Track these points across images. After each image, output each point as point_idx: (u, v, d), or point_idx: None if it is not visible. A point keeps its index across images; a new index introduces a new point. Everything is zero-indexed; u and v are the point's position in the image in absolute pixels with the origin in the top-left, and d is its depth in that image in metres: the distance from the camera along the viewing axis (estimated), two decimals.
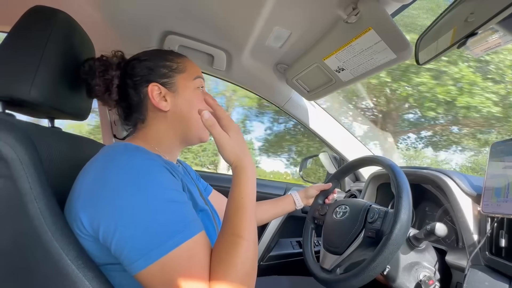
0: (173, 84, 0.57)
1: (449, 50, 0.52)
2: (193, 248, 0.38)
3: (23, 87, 0.48)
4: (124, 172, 0.40)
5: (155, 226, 0.37)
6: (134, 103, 0.57)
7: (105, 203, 0.39)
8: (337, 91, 0.93)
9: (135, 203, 0.38)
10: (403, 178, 0.61)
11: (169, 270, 0.36)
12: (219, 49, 0.93)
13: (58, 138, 0.57)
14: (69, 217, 0.42)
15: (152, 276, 0.36)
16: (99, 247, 0.41)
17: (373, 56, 0.69)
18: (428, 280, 0.62)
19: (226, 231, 0.42)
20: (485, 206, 0.60)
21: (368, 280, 0.56)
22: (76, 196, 0.42)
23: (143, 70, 0.56)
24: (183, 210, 0.41)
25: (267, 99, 1.12)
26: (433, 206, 0.88)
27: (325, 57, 0.78)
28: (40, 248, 0.37)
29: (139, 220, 0.37)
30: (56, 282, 0.38)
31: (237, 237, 0.40)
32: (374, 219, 0.64)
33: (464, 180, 0.70)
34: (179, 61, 0.59)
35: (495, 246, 0.57)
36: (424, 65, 0.59)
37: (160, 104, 0.55)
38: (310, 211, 0.87)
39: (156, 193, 0.39)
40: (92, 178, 0.42)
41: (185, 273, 0.36)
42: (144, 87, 0.56)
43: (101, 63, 0.57)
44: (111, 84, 0.57)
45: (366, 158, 0.80)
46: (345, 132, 1.20)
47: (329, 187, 0.88)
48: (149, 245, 0.36)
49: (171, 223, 0.38)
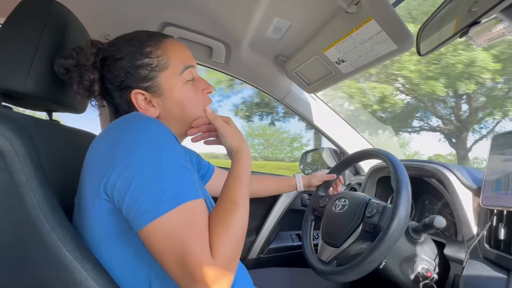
0: (157, 87, 0.51)
1: (451, 40, 0.51)
2: (198, 209, 0.41)
3: (18, 79, 0.48)
4: (138, 132, 0.41)
5: (168, 182, 0.39)
6: (120, 106, 0.53)
7: (120, 160, 0.39)
8: (337, 84, 0.92)
9: (150, 159, 0.39)
10: (403, 172, 0.61)
11: (175, 224, 0.38)
12: (218, 41, 0.92)
13: (56, 131, 0.56)
14: (86, 196, 0.42)
15: (158, 230, 0.37)
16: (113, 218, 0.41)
17: (373, 47, 0.67)
18: (426, 272, 0.62)
19: (225, 199, 0.47)
20: (485, 199, 0.60)
21: (363, 274, 0.56)
22: (91, 170, 0.42)
23: (120, 74, 0.50)
24: (191, 176, 0.43)
25: (266, 92, 1.11)
26: (433, 199, 0.88)
27: (325, 49, 0.77)
28: (38, 239, 0.38)
29: (153, 175, 0.39)
30: (54, 273, 0.38)
31: (235, 205, 0.45)
32: (372, 213, 0.64)
33: (464, 173, 0.70)
34: (159, 54, 0.51)
35: (494, 239, 0.57)
36: (425, 56, 0.58)
37: (148, 112, 0.52)
38: (311, 202, 0.88)
39: (170, 154, 0.41)
40: (106, 143, 0.42)
41: (189, 229, 0.38)
42: (126, 93, 0.51)
43: (75, 61, 0.50)
44: (92, 92, 0.52)
45: (367, 151, 0.79)
46: (345, 125, 1.20)
47: (332, 178, 0.88)
48: (161, 198, 0.38)
49: (182, 182, 0.40)
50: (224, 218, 0.43)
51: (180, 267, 0.37)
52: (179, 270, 0.37)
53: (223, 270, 0.39)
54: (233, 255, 0.41)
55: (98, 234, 0.43)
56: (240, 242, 0.43)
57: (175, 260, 0.37)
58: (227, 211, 0.44)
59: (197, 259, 0.37)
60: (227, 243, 0.40)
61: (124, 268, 0.44)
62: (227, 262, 0.39)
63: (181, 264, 0.37)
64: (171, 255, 0.37)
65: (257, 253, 1.15)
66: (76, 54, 0.50)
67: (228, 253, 0.40)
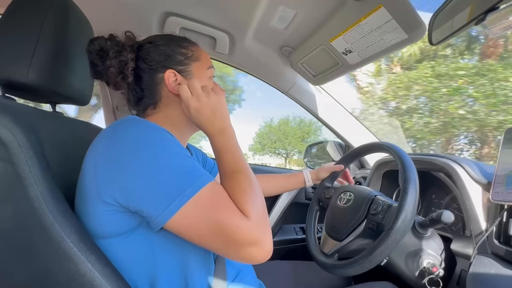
0: (189, 72, 0.56)
1: (465, 28, 0.48)
2: (216, 186, 0.43)
3: (20, 69, 0.48)
4: (138, 134, 0.42)
5: (181, 172, 0.40)
6: (147, 88, 0.56)
7: (127, 164, 0.39)
8: (343, 76, 0.89)
9: (157, 155, 0.40)
10: (412, 169, 0.59)
11: (202, 206, 0.39)
12: (222, 31, 0.90)
13: (59, 123, 0.56)
14: (87, 195, 0.42)
15: (187, 217, 0.39)
16: (120, 218, 0.41)
17: (383, 37, 0.65)
18: (432, 267, 0.61)
19: (225, 174, 0.48)
20: (495, 194, 0.58)
21: (363, 271, 0.56)
22: (92, 172, 0.42)
23: (159, 56, 0.55)
24: (197, 164, 0.44)
25: (271, 84, 1.10)
26: (440, 194, 0.86)
27: (332, 39, 0.75)
28: (42, 230, 0.38)
29: (165, 169, 0.40)
30: (58, 264, 0.38)
31: (236, 173, 0.47)
32: (377, 211, 0.63)
33: (474, 167, 0.68)
34: (193, 49, 0.58)
35: (503, 235, 0.56)
36: (437, 45, 0.55)
37: (177, 91, 0.54)
38: (316, 192, 0.87)
39: (173, 147, 0.42)
40: (105, 147, 0.42)
41: (216, 205, 0.40)
42: (160, 73, 0.54)
43: (114, 43, 0.54)
44: (126, 67, 0.54)
45: (373, 145, 0.78)
46: (352, 118, 1.17)
47: (340, 168, 0.87)
48: (180, 188, 0.39)
49: (193, 169, 0.42)
50: (236, 186, 0.45)
51: (223, 240, 0.39)
52: (223, 243, 0.40)
53: (260, 224, 0.41)
54: (261, 210, 0.44)
55: (102, 231, 0.43)
56: (260, 197, 0.46)
57: (215, 236, 0.39)
58: (234, 180, 0.46)
59: (235, 225, 0.39)
60: (251, 202, 0.43)
61: (129, 261, 0.44)
62: (260, 217, 0.42)
63: (222, 237, 0.39)
64: (210, 233, 0.39)
65: None
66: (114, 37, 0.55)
67: (257, 210, 0.43)
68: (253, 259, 0.41)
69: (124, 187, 0.39)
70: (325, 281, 0.85)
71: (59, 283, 0.39)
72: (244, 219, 0.40)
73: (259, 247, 0.40)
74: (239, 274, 0.59)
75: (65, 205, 0.40)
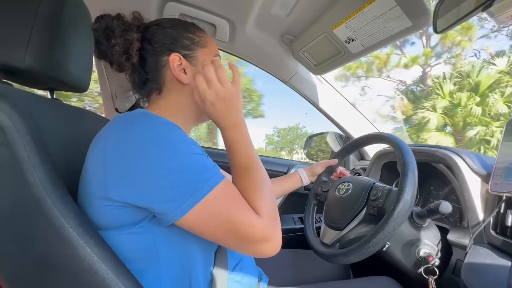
0: (194, 58, 0.55)
1: (470, 16, 0.47)
2: (228, 184, 0.43)
3: (17, 54, 0.47)
4: (148, 130, 0.41)
5: (193, 170, 0.40)
6: (151, 70, 0.54)
7: (138, 165, 0.39)
8: (344, 65, 0.88)
9: (168, 155, 0.40)
10: (410, 155, 0.60)
11: (215, 204, 0.40)
12: (222, 18, 0.88)
13: (58, 109, 0.56)
14: (91, 188, 0.42)
15: (200, 215, 0.39)
16: (123, 213, 0.41)
17: (386, 24, 0.64)
18: (428, 257, 0.62)
19: (237, 170, 0.48)
20: (494, 185, 0.58)
21: (366, 256, 0.56)
22: (99, 167, 0.41)
23: (165, 38, 0.54)
24: (208, 161, 0.45)
25: (272, 73, 1.08)
26: (439, 185, 0.86)
27: (334, 26, 0.73)
28: (41, 215, 0.38)
29: (178, 168, 0.39)
30: (58, 248, 0.38)
31: (247, 169, 0.47)
32: (377, 196, 0.63)
33: (474, 159, 0.68)
34: (200, 35, 0.57)
35: (500, 225, 0.56)
36: (441, 33, 0.54)
37: (180, 76, 0.53)
38: (313, 187, 0.87)
39: (184, 146, 0.42)
40: (114, 144, 0.41)
41: (229, 203, 0.41)
42: (164, 55, 0.53)
43: (120, 22, 0.53)
44: (131, 47, 0.52)
45: (372, 135, 0.77)
46: (352, 109, 1.17)
47: (335, 163, 0.87)
48: (193, 187, 0.39)
49: (205, 167, 0.42)
50: (247, 183, 0.45)
51: (236, 237, 0.41)
52: (236, 239, 0.41)
53: (271, 222, 0.43)
54: (273, 207, 0.45)
55: (104, 223, 0.43)
56: (271, 194, 0.47)
57: (228, 231, 0.40)
58: (244, 177, 0.46)
59: (247, 222, 0.40)
60: (263, 200, 0.44)
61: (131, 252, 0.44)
62: (271, 214, 0.43)
63: (236, 234, 0.40)
64: (222, 229, 0.40)
65: None
66: (121, 17, 0.54)
67: (268, 207, 0.44)
68: (265, 254, 0.42)
69: (135, 186, 0.39)
70: (323, 269, 0.87)
71: (59, 267, 0.40)
72: (257, 217, 0.41)
73: (271, 243, 0.42)
74: (239, 262, 0.60)
75: (64, 191, 0.40)
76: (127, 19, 0.54)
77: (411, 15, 0.58)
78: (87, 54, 0.61)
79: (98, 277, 0.39)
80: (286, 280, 0.79)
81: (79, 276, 0.39)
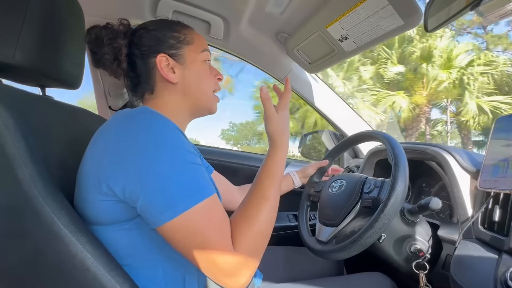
0: (181, 56, 0.56)
1: (460, 14, 0.48)
2: (214, 203, 0.42)
3: (6, 50, 0.46)
4: (148, 131, 0.41)
5: (181, 181, 0.39)
6: (141, 73, 0.56)
7: (132, 162, 0.39)
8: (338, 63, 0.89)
9: (163, 160, 0.40)
10: (400, 149, 0.61)
11: (194, 222, 0.39)
12: (216, 15, 0.88)
13: (49, 106, 0.55)
14: (87, 182, 0.43)
15: (177, 229, 0.39)
16: (118, 208, 0.42)
17: (379, 23, 0.64)
18: (418, 252, 0.63)
19: (256, 192, 0.48)
20: (483, 182, 0.60)
21: (365, 247, 0.55)
22: (96, 161, 0.42)
23: (151, 40, 0.55)
24: (202, 172, 0.43)
25: (266, 71, 1.08)
26: (430, 182, 0.88)
27: (328, 25, 0.74)
28: (32, 212, 0.38)
29: (167, 175, 0.39)
30: (50, 245, 0.38)
31: (265, 199, 0.46)
32: (370, 189, 0.64)
33: (464, 156, 0.69)
34: (186, 33, 0.58)
35: (488, 221, 0.58)
36: (432, 32, 0.55)
37: (168, 76, 0.54)
38: (305, 189, 0.87)
39: (180, 153, 0.41)
40: (114, 139, 0.42)
41: (208, 224, 0.40)
42: (152, 57, 0.55)
43: (108, 31, 0.56)
44: (119, 53, 0.55)
45: (362, 134, 0.78)
46: (346, 107, 1.17)
47: (326, 164, 0.87)
48: (176, 198, 0.38)
49: (194, 181, 0.41)
50: (253, 212, 0.45)
51: (203, 258, 0.39)
52: (203, 261, 0.39)
53: (244, 258, 0.40)
54: (256, 246, 0.43)
55: (99, 219, 0.43)
56: (265, 235, 0.45)
57: (197, 252, 0.39)
58: (257, 204, 0.46)
59: (218, 249, 0.39)
60: (250, 234, 0.42)
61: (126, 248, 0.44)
62: (249, 252, 0.41)
63: (204, 255, 0.39)
64: (193, 248, 0.39)
65: None
66: (110, 26, 0.56)
67: (251, 244, 0.42)
68: (224, 286, 0.40)
69: (126, 184, 0.39)
70: (317, 266, 0.88)
71: (51, 264, 0.39)
72: (230, 247, 0.40)
73: (235, 280, 0.40)
74: None
75: (55, 188, 0.40)
76: (116, 26, 0.57)
77: (402, 14, 0.59)
78: (79, 50, 0.60)
79: (90, 274, 0.39)
80: (280, 277, 0.80)
81: (71, 272, 0.39)
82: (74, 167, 0.48)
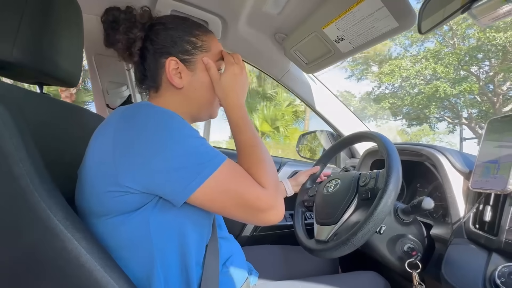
0: (193, 63, 0.55)
1: (453, 17, 0.49)
2: (231, 162, 0.46)
3: (4, 47, 0.46)
4: (155, 118, 0.43)
5: (199, 152, 0.43)
6: (150, 70, 0.55)
7: (148, 147, 0.41)
8: (335, 64, 0.89)
9: (176, 139, 0.42)
10: (391, 145, 0.61)
11: (222, 181, 0.43)
12: (214, 15, 0.88)
13: (46, 103, 0.56)
14: (94, 176, 0.43)
15: (210, 189, 0.42)
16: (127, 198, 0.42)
17: (374, 25, 0.65)
18: (411, 251, 0.64)
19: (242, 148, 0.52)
20: (475, 183, 0.61)
21: (368, 237, 0.53)
22: (107, 156, 0.42)
23: (166, 40, 0.54)
24: (210, 145, 0.46)
25: (264, 71, 1.09)
26: (425, 182, 0.89)
27: (325, 26, 0.74)
28: (28, 208, 0.38)
29: (185, 151, 0.42)
30: (45, 241, 0.39)
31: (252, 146, 0.51)
32: (366, 182, 0.64)
33: (457, 157, 0.70)
34: (204, 39, 0.56)
35: (479, 221, 0.59)
36: (425, 34, 0.56)
37: (174, 80, 0.53)
38: (299, 196, 0.87)
39: (190, 131, 0.44)
40: (124, 129, 0.42)
41: (235, 178, 0.45)
42: (163, 58, 0.53)
43: (127, 17, 0.54)
44: (133, 45, 0.54)
45: (356, 135, 0.78)
46: (343, 107, 1.18)
47: (317, 170, 0.88)
48: (200, 166, 0.42)
49: (210, 149, 0.45)
50: (253, 159, 0.49)
51: (244, 208, 0.45)
52: (244, 211, 0.45)
53: (275, 192, 0.47)
54: (275, 179, 0.49)
55: (104, 210, 0.44)
56: (273, 167, 0.51)
57: (237, 206, 0.44)
58: (251, 154, 0.50)
59: (253, 194, 0.45)
60: (266, 173, 0.48)
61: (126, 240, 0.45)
62: (274, 185, 0.48)
63: (244, 206, 0.44)
64: (232, 205, 0.44)
65: (250, 230, 1.18)
66: (130, 11, 0.55)
67: (271, 179, 0.48)
68: (271, 221, 0.46)
69: (146, 170, 0.40)
70: (313, 264, 0.88)
71: (47, 260, 0.40)
72: (262, 189, 0.46)
73: (276, 211, 0.46)
74: (230, 257, 0.60)
75: (51, 184, 0.41)
76: (136, 12, 0.55)
77: (397, 16, 0.60)
78: (77, 48, 0.61)
79: (85, 270, 0.39)
80: (276, 275, 0.81)
81: (66, 268, 0.39)
82: (71, 163, 0.48)
